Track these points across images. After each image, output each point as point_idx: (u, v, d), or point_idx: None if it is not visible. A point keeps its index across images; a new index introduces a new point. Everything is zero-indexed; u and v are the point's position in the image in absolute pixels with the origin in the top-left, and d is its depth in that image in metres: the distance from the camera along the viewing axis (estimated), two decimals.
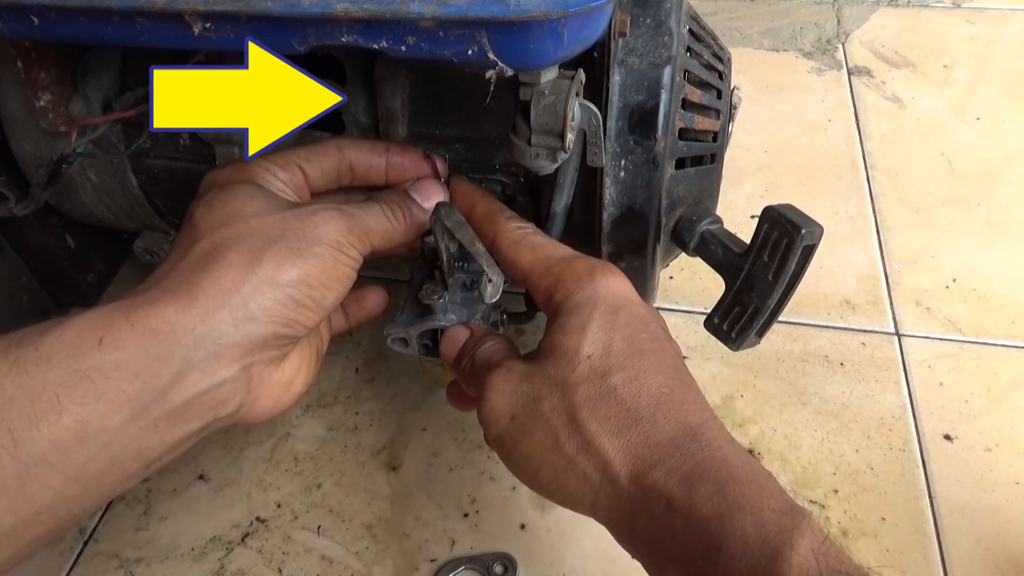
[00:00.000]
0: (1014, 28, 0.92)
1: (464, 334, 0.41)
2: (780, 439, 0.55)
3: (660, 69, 0.40)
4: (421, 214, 0.41)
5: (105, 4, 0.30)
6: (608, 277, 0.37)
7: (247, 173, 0.38)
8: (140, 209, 0.51)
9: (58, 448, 0.29)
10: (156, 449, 0.32)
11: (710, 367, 0.59)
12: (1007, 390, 0.57)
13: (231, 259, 0.33)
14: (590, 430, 0.33)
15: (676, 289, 0.65)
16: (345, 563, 0.49)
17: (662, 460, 0.32)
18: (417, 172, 0.42)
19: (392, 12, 0.29)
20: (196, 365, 0.32)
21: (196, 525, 0.51)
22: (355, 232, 0.37)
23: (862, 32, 0.92)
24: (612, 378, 0.34)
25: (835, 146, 0.77)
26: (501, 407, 0.35)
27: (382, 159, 0.42)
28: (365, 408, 0.57)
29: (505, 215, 0.41)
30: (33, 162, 0.49)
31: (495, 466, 0.53)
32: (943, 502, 0.51)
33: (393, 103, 0.44)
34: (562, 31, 0.30)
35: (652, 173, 0.41)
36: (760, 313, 0.40)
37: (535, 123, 0.35)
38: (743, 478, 0.31)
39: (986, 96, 0.83)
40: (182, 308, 0.32)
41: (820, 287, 0.64)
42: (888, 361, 0.59)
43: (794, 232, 0.37)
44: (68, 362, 0.30)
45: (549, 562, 0.49)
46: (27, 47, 0.43)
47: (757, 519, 0.30)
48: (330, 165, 0.41)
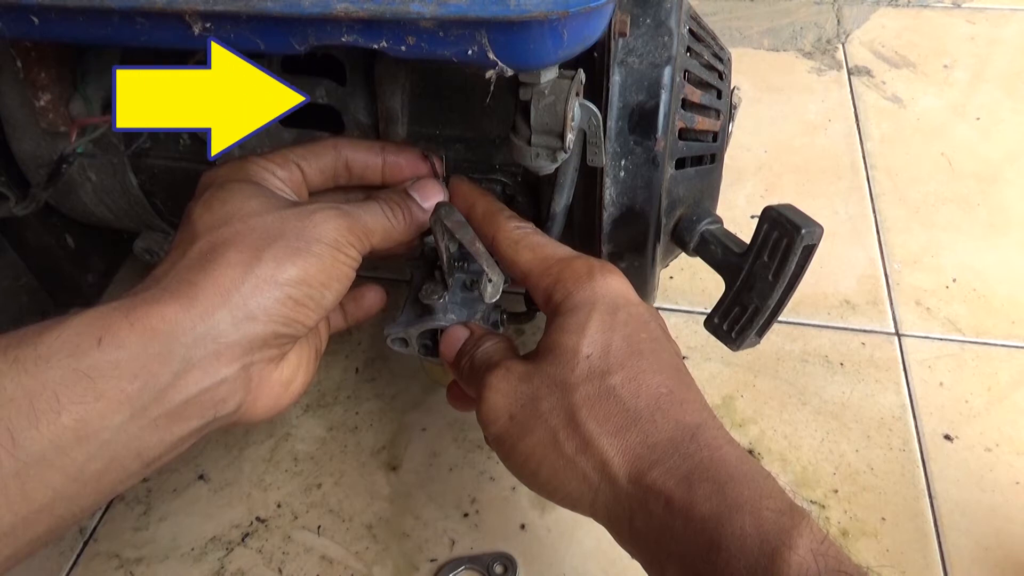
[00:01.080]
0: (1014, 28, 0.92)
1: (464, 334, 0.41)
2: (780, 439, 0.55)
3: (660, 69, 0.40)
4: (421, 213, 0.41)
5: (105, 4, 0.30)
6: (607, 277, 0.37)
7: (245, 172, 0.38)
8: (140, 209, 0.51)
9: (57, 447, 0.29)
10: (156, 448, 0.32)
11: (710, 367, 0.59)
12: (1007, 390, 0.57)
13: (230, 258, 0.33)
14: (589, 430, 0.33)
15: (676, 289, 0.65)
16: (345, 563, 0.49)
17: (661, 460, 0.32)
18: (414, 172, 0.42)
19: (392, 12, 0.29)
20: (196, 364, 0.32)
21: (196, 525, 0.51)
22: (354, 231, 0.37)
23: (862, 32, 0.92)
24: (611, 378, 0.34)
25: (835, 146, 0.77)
26: (500, 407, 0.35)
27: (379, 159, 0.42)
28: (365, 408, 0.57)
29: (505, 214, 0.41)
30: (33, 162, 0.49)
31: (495, 466, 0.53)
32: (943, 502, 0.51)
33: (393, 103, 0.44)
34: (562, 31, 0.30)
35: (652, 173, 0.41)
36: (760, 313, 0.40)
37: (535, 123, 0.35)
38: (742, 478, 0.31)
39: (986, 96, 0.83)
40: (182, 307, 0.32)
41: (820, 287, 0.64)
42: (888, 361, 0.59)
43: (794, 232, 0.37)
44: (67, 361, 0.30)
45: (549, 562, 0.49)
46: (27, 47, 0.43)
47: (756, 519, 0.30)
48: (327, 164, 0.41)
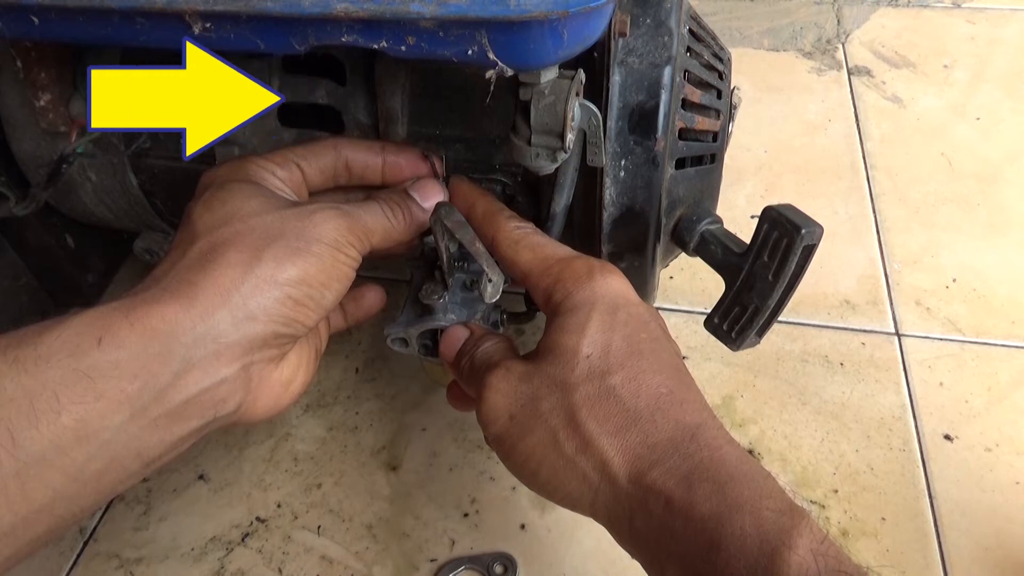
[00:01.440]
0: (1014, 28, 0.92)
1: (463, 334, 0.41)
2: (780, 439, 0.55)
3: (660, 69, 0.40)
4: (421, 213, 0.41)
5: (105, 4, 0.30)
6: (607, 277, 0.37)
7: (244, 172, 0.38)
8: (140, 209, 0.51)
9: (57, 447, 0.29)
10: (156, 448, 0.32)
11: (710, 367, 0.59)
12: (1007, 390, 0.57)
13: (230, 258, 0.33)
14: (589, 430, 0.33)
15: (676, 289, 0.65)
16: (345, 563, 0.49)
17: (661, 460, 0.32)
18: (414, 172, 0.42)
19: (392, 12, 0.29)
20: (196, 364, 0.32)
21: (196, 525, 0.51)
22: (354, 231, 0.37)
23: (862, 32, 0.92)
24: (611, 378, 0.34)
25: (835, 146, 0.77)
26: (500, 407, 0.35)
27: (379, 158, 0.42)
28: (365, 408, 0.57)
29: (505, 215, 0.41)
30: (33, 162, 0.49)
31: (495, 466, 0.53)
32: (943, 502, 0.51)
33: (393, 103, 0.44)
34: (562, 31, 0.30)
35: (652, 173, 0.41)
36: (760, 313, 0.40)
37: (535, 123, 0.35)
38: (742, 478, 0.31)
39: (986, 96, 0.83)
40: (182, 307, 0.32)
41: (820, 287, 0.64)
42: (888, 361, 0.59)
43: (794, 232, 0.37)
44: (67, 361, 0.30)
45: (549, 562, 0.49)
46: (27, 47, 0.43)
47: (756, 519, 0.30)
48: (327, 164, 0.41)
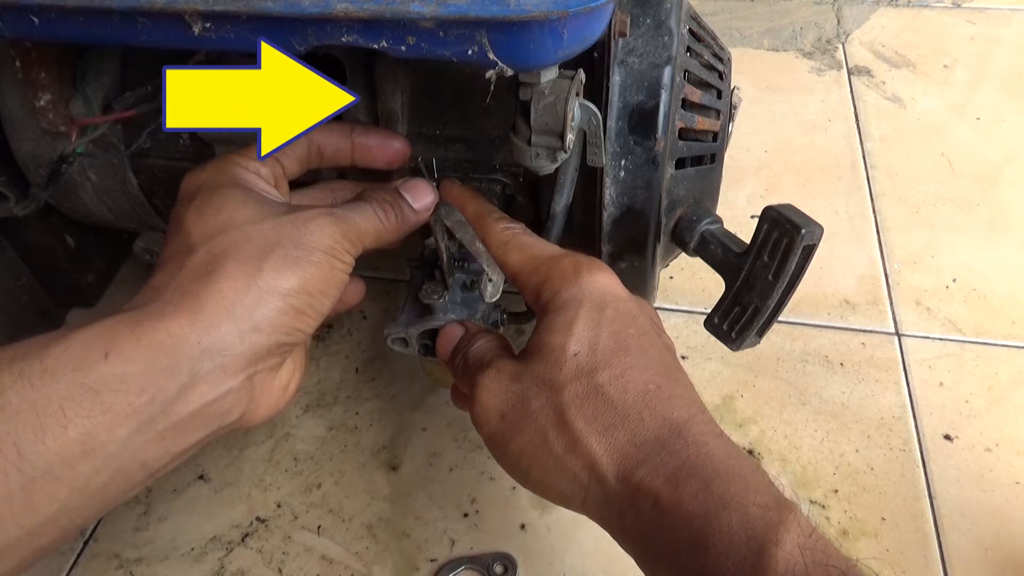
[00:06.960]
0: (1014, 28, 0.92)
1: (459, 331, 0.41)
2: (780, 439, 0.54)
3: (660, 69, 0.40)
4: (412, 214, 0.41)
5: (105, 4, 0.30)
6: (594, 274, 0.37)
7: (231, 175, 0.38)
8: (140, 209, 0.51)
9: (64, 461, 0.29)
10: (161, 459, 0.33)
11: (710, 367, 0.59)
12: (1007, 390, 0.57)
13: (231, 270, 0.33)
14: (577, 429, 0.33)
15: (676, 289, 0.65)
16: (345, 563, 0.49)
17: (648, 458, 0.32)
18: (383, 153, 0.43)
19: (392, 12, 0.29)
20: (202, 377, 0.32)
21: (196, 525, 0.51)
22: (348, 237, 0.37)
23: (862, 32, 0.92)
24: (598, 376, 0.34)
25: (835, 146, 0.77)
26: (492, 406, 0.36)
27: (347, 141, 0.42)
28: (365, 408, 0.57)
29: (494, 216, 0.41)
30: (33, 162, 0.49)
31: (495, 466, 0.53)
32: (943, 502, 0.51)
33: (393, 103, 0.44)
34: (562, 31, 0.30)
35: (652, 173, 0.41)
36: (760, 313, 0.40)
37: (535, 123, 0.35)
38: (728, 474, 0.31)
39: (986, 96, 0.83)
40: (187, 321, 0.32)
41: (820, 287, 0.64)
42: (888, 361, 0.59)
43: (794, 232, 0.37)
44: (74, 375, 0.30)
45: (549, 562, 0.49)
46: (27, 47, 0.43)
47: (742, 515, 0.29)
48: (302, 152, 0.41)
